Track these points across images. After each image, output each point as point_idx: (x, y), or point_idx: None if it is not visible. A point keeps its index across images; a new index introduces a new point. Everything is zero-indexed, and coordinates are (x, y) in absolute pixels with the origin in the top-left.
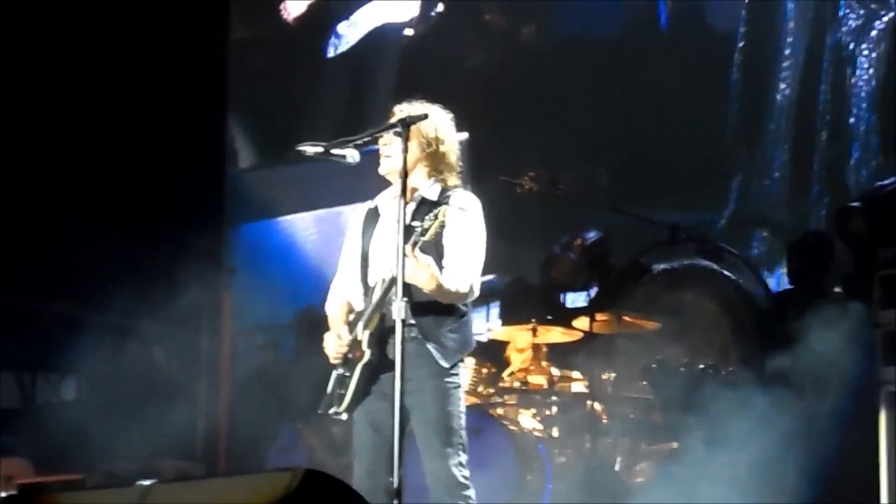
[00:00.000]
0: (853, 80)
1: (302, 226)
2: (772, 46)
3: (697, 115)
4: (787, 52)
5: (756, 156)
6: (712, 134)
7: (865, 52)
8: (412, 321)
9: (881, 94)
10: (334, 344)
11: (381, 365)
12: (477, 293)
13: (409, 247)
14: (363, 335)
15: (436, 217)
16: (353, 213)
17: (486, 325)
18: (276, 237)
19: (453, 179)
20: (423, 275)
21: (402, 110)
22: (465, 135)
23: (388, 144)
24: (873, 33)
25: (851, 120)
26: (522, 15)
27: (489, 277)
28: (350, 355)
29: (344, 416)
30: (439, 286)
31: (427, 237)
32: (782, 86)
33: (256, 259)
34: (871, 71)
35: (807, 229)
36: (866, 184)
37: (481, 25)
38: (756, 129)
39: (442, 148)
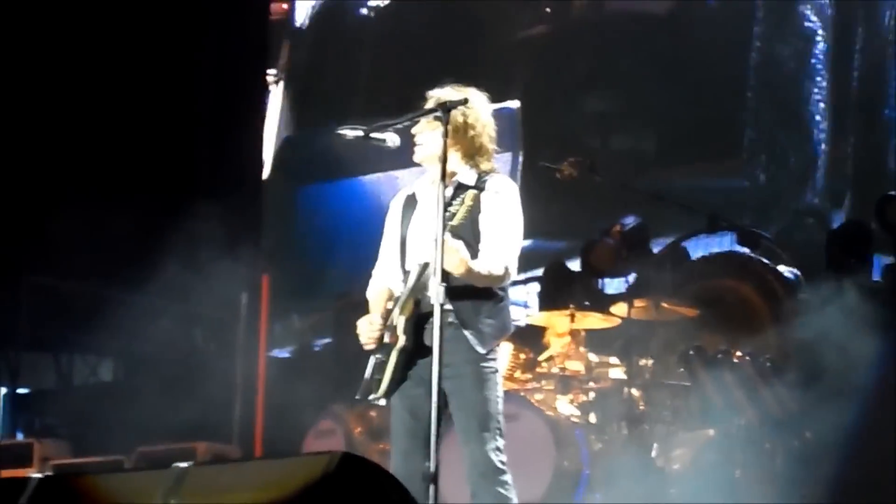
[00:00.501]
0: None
1: (358, 190)
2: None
3: (735, 89)
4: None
5: (793, 138)
6: (748, 109)
7: None
8: (449, 306)
9: None
10: (366, 328)
11: (417, 350)
12: (514, 276)
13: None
14: (398, 320)
15: (463, 202)
16: (393, 201)
17: (524, 310)
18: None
19: (489, 163)
20: (452, 259)
21: (437, 95)
22: (516, 103)
23: (422, 132)
24: None
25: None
26: None
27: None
28: (386, 340)
29: (382, 402)
30: (469, 270)
31: (455, 222)
32: (818, 67)
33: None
34: None
35: (844, 213)
36: None
37: None
38: (793, 109)
39: (479, 132)
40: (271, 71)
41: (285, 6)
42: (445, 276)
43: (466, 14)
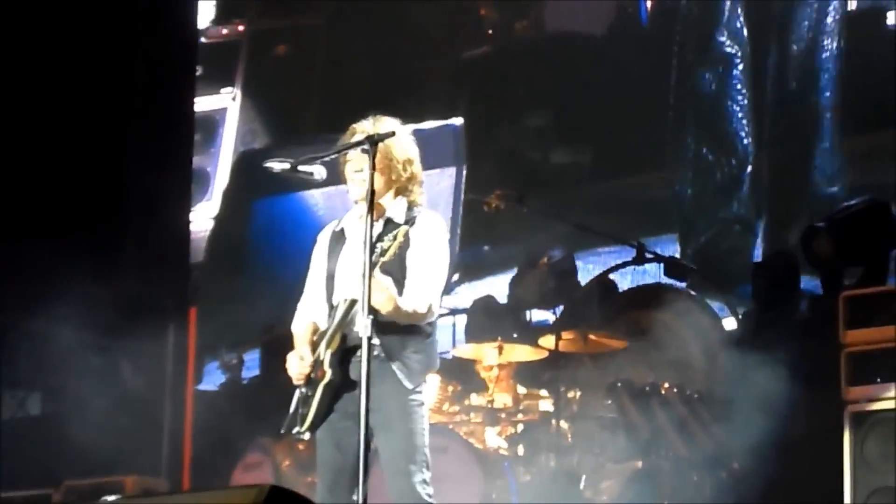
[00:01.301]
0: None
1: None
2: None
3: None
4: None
5: (716, 153)
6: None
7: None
8: (376, 340)
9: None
10: (297, 365)
11: (343, 384)
12: (437, 314)
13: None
14: (325, 355)
15: (395, 238)
16: (320, 235)
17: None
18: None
19: (419, 198)
20: (380, 296)
21: (362, 128)
22: (460, 120)
23: (359, 170)
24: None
25: (809, 117)
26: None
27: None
28: (312, 375)
29: (306, 436)
30: (397, 308)
31: (386, 258)
32: (738, 86)
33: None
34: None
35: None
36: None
37: (476, 19)
38: (716, 126)
39: (408, 166)
40: (226, 89)
41: (241, 28)
42: (373, 311)
43: (413, 34)
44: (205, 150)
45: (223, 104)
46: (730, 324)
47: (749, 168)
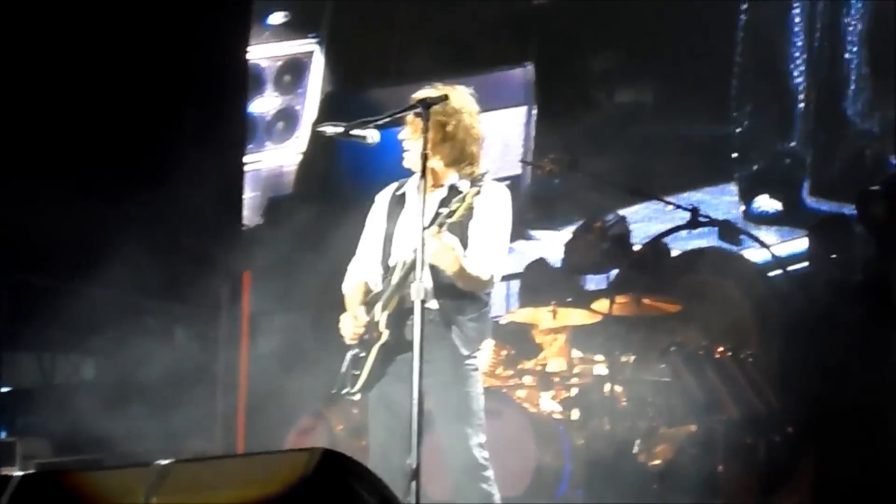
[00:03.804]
0: (847, 20)
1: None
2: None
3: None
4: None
5: (773, 89)
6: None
7: None
8: (433, 305)
9: (871, 30)
10: (351, 325)
11: (397, 346)
12: (496, 283)
13: (435, 227)
14: (381, 316)
15: (463, 200)
16: (378, 196)
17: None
18: None
19: (477, 168)
20: (447, 256)
21: (419, 95)
22: (530, 63)
23: (408, 138)
24: None
25: (846, 55)
26: None
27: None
28: (367, 336)
29: (357, 397)
30: (462, 269)
31: (454, 219)
32: (796, 29)
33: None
34: (860, 7)
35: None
36: (862, 112)
37: None
38: (774, 65)
39: (473, 132)
40: (313, 33)
41: None
42: (433, 273)
43: None
44: (293, 91)
45: (310, 48)
46: (784, 287)
47: (801, 105)
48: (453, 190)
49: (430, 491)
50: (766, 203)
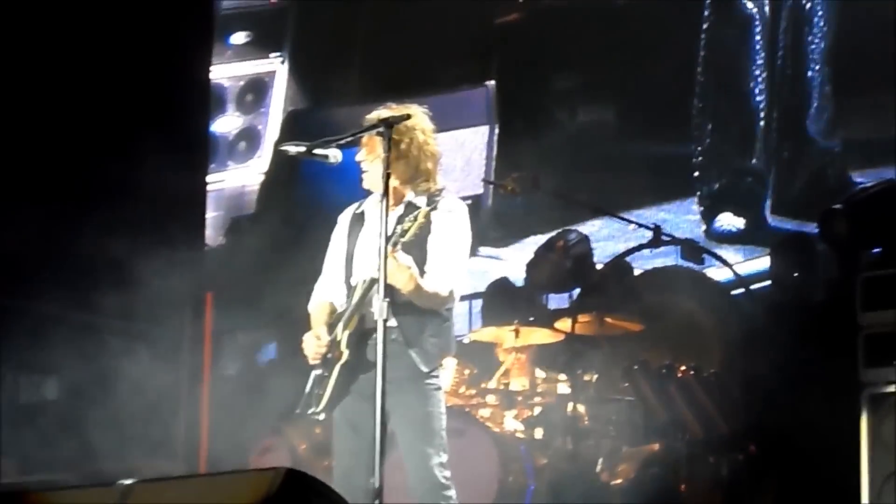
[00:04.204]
0: (809, 38)
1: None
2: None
3: (686, 66)
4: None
5: (733, 107)
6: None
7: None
8: (393, 323)
9: (833, 49)
10: (313, 344)
11: (359, 365)
12: (457, 299)
13: (389, 247)
14: (342, 335)
15: (416, 218)
16: (340, 217)
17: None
18: None
19: (435, 185)
20: (401, 276)
21: (377, 114)
22: (492, 82)
23: (366, 159)
24: None
25: (809, 74)
26: None
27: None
28: (329, 355)
29: (321, 416)
30: (418, 287)
31: (407, 238)
32: (756, 47)
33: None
34: (823, 27)
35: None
36: (824, 130)
37: None
38: (734, 84)
39: (419, 156)
40: (275, 53)
41: None
42: (390, 292)
43: (448, 3)
44: (255, 110)
45: (272, 68)
46: (746, 306)
47: (762, 123)
48: (410, 207)
49: None
50: (729, 221)
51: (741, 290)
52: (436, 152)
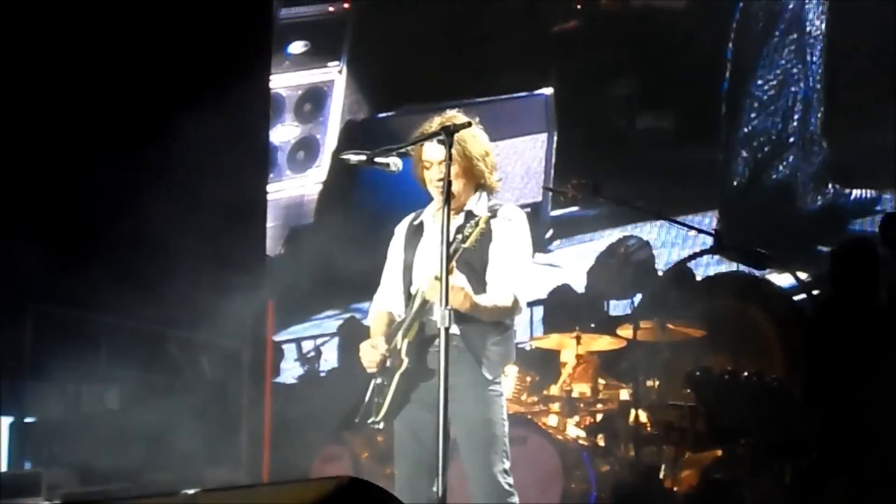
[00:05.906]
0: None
1: None
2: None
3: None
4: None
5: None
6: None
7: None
8: (455, 330)
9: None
10: (369, 353)
11: (419, 374)
12: (523, 308)
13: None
14: (402, 344)
15: (476, 225)
16: (397, 228)
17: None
18: None
19: (497, 190)
20: (455, 298)
21: (439, 120)
22: (550, 89)
23: (429, 167)
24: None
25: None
26: None
27: None
28: (388, 364)
29: (381, 426)
30: (475, 306)
31: (467, 244)
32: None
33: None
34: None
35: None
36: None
37: None
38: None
39: (486, 159)
40: (333, 62)
41: (346, 5)
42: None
43: (509, 10)
44: (313, 120)
45: (330, 77)
46: (808, 311)
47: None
48: (469, 215)
49: None
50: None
51: (803, 296)
52: (493, 162)
